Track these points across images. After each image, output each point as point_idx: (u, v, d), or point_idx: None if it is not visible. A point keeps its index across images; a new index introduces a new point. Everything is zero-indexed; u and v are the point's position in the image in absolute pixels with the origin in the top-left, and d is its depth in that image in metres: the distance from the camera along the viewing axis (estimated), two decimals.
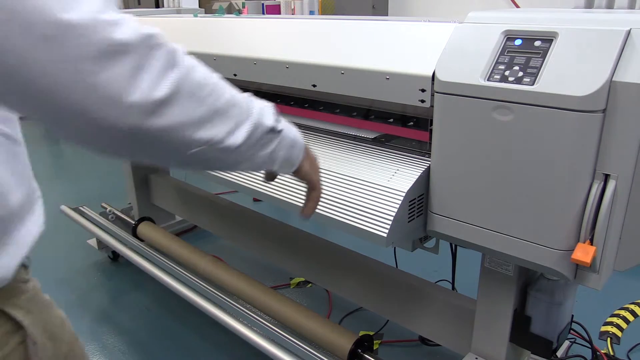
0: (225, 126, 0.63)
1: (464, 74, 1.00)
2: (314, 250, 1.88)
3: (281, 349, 1.57)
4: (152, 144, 0.56)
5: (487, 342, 1.36)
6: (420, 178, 1.12)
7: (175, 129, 0.56)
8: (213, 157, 0.63)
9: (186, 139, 0.58)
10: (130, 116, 0.52)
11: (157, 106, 0.53)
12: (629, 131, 0.88)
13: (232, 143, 0.64)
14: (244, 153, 0.66)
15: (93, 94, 0.49)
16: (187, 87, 0.57)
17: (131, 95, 0.51)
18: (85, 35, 0.48)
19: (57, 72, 0.47)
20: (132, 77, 0.51)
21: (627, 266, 1.02)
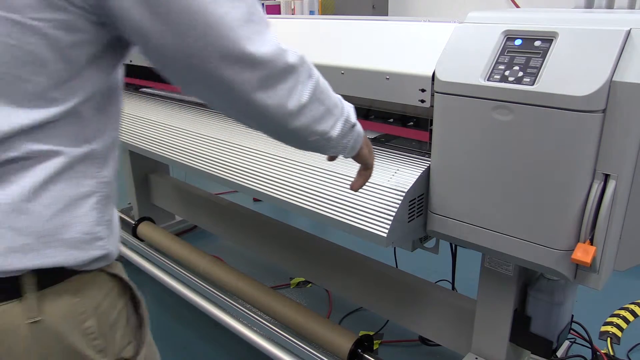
0: (331, 121, 0.80)
1: (464, 74, 1.00)
2: (314, 250, 1.88)
3: (281, 349, 1.57)
4: (289, 134, 0.76)
5: (487, 342, 1.36)
6: (420, 178, 1.12)
7: (307, 124, 0.75)
8: (319, 144, 0.81)
9: (309, 131, 0.76)
10: (287, 119, 0.72)
11: (300, 109, 0.72)
12: (629, 131, 0.88)
13: (332, 134, 0.81)
14: (335, 142, 0.83)
15: (263, 101, 0.68)
16: (317, 93, 0.75)
17: (290, 104, 0.71)
18: (271, 63, 0.66)
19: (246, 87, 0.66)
20: (293, 89, 0.71)
21: (627, 266, 1.02)
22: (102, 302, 0.71)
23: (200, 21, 0.60)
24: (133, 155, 2.49)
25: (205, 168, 1.44)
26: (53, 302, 0.66)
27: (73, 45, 0.62)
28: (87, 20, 0.61)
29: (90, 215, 0.69)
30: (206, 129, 1.60)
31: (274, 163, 1.33)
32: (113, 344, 0.73)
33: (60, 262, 0.65)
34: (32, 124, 0.61)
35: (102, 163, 0.71)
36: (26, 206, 0.63)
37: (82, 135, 0.67)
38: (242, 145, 1.44)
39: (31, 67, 0.60)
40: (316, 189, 1.20)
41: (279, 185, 1.26)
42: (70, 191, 0.66)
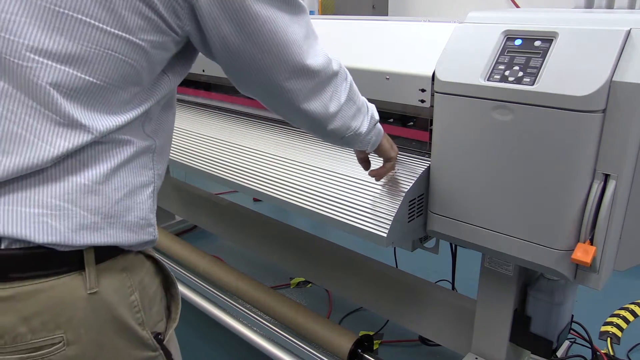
0: (361, 119, 0.92)
1: (464, 74, 1.00)
2: (314, 250, 1.88)
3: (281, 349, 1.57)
4: (329, 132, 0.88)
5: (487, 342, 1.36)
6: (420, 178, 1.12)
7: (343, 123, 0.89)
8: (351, 139, 0.93)
9: (345, 127, 0.89)
10: (328, 120, 0.86)
11: (339, 110, 0.86)
12: (629, 131, 0.88)
13: (361, 131, 0.93)
14: (362, 137, 0.95)
15: (312, 105, 0.82)
16: (351, 93, 0.88)
17: (331, 107, 0.85)
18: (323, 72, 0.81)
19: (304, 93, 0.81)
20: (334, 93, 0.85)
21: (627, 266, 1.02)
22: (143, 278, 0.78)
23: (280, 41, 0.74)
24: None
25: (205, 168, 1.44)
26: (107, 276, 0.72)
27: (161, 61, 0.73)
28: (174, 42, 0.73)
29: (147, 203, 0.76)
30: (206, 129, 1.60)
31: (274, 163, 1.33)
32: (150, 318, 0.78)
33: (118, 242, 0.72)
34: (120, 124, 0.70)
35: (159, 157, 0.79)
36: (100, 188, 0.69)
37: (148, 129, 0.76)
38: (242, 145, 1.44)
39: (130, 79, 0.69)
40: (316, 189, 1.20)
41: (279, 185, 1.26)
42: (134, 179, 0.74)
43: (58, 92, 0.64)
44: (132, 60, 0.67)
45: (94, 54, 0.64)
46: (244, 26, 0.72)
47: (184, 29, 0.72)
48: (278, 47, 0.74)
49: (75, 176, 0.67)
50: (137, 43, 0.67)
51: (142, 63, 0.69)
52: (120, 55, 0.66)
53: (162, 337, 0.80)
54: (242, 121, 1.58)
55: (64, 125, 0.65)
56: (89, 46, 0.64)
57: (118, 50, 0.66)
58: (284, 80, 0.77)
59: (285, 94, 0.79)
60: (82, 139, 0.66)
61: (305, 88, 0.80)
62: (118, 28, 0.65)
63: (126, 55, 0.67)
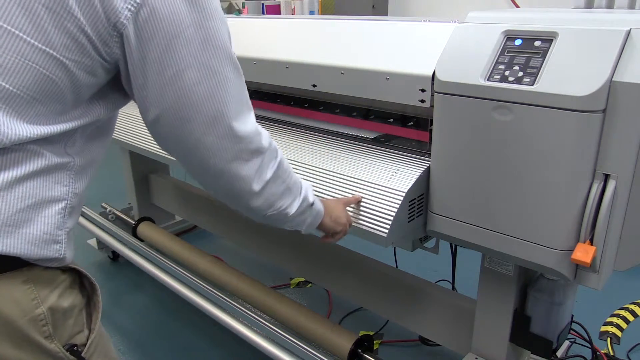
0: (289, 199, 0.91)
1: (464, 74, 1.00)
2: (314, 250, 1.88)
3: (281, 349, 1.57)
4: (249, 206, 0.87)
5: (487, 342, 1.36)
6: (420, 178, 1.12)
7: (267, 199, 0.87)
8: (277, 218, 0.92)
9: (268, 206, 0.88)
10: (250, 196, 0.85)
11: (264, 187, 0.85)
12: (629, 131, 0.88)
13: (289, 211, 0.91)
14: (292, 218, 0.93)
15: (235, 171, 0.81)
16: (279, 171, 0.87)
17: (254, 182, 0.83)
18: (247, 141, 0.80)
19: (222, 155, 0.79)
20: (259, 169, 0.83)
21: (627, 266, 1.02)
22: (53, 291, 0.75)
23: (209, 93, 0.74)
24: (133, 155, 2.49)
25: None
26: (5, 287, 0.70)
27: (87, 85, 0.72)
28: (103, 68, 0.72)
29: (54, 218, 0.74)
30: None
31: None
32: (63, 330, 0.76)
33: (15, 253, 0.70)
34: (33, 136, 0.69)
35: (77, 176, 0.77)
36: (2, 194, 0.68)
37: (70, 150, 0.75)
38: None
39: (51, 95, 0.69)
40: (316, 189, 1.20)
41: None
42: (42, 192, 0.72)
43: None
44: (54, 75, 0.68)
45: (14, 63, 0.65)
46: (168, 72, 0.71)
47: (112, 56, 0.71)
48: (208, 100, 0.74)
49: None
50: (61, 60, 0.67)
51: (64, 81, 0.69)
52: (41, 68, 0.66)
53: (79, 349, 0.78)
54: None
55: None
56: (10, 55, 0.65)
57: (39, 63, 0.66)
58: (204, 135, 0.76)
59: (204, 150, 0.77)
60: None
61: (226, 150, 0.78)
62: (42, 42, 0.66)
63: (47, 69, 0.67)
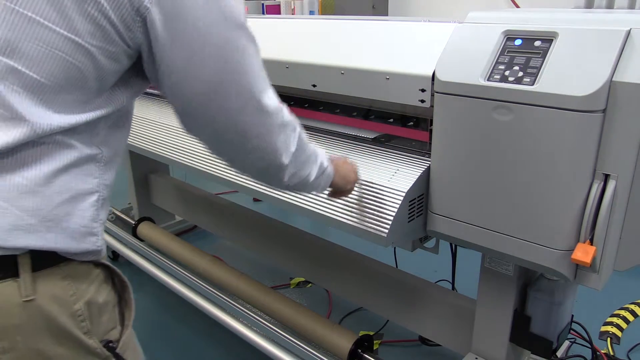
0: (310, 167, 0.92)
1: (464, 74, 1.00)
2: (314, 250, 1.88)
3: (281, 349, 1.57)
4: (278, 179, 0.88)
5: (487, 342, 1.36)
6: (420, 178, 1.12)
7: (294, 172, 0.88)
8: (299, 186, 0.93)
9: (294, 176, 0.89)
10: (280, 169, 0.85)
11: (291, 158, 0.85)
12: (629, 131, 0.88)
13: (310, 178, 0.93)
14: (310, 184, 0.95)
15: (269, 144, 0.80)
16: (300, 143, 0.87)
17: (284, 155, 0.83)
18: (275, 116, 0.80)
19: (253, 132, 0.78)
20: (286, 141, 0.83)
21: (627, 266, 1.02)
22: (90, 287, 0.76)
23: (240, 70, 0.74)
24: (133, 155, 2.49)
25: (205, 168, 1.44)
26: (45, 283, 0.70)
27: (111, 72, 0.72)
28: (126, 55, 0.72)
29: (89, 211, 0.75)
30: None
31: None
32: (99, 326, 0.77)
33: (55, 247, 0.70)
34: (63, 126, 0.69)
35: (106, 167, 0.78)
36: (39, 189, 0.68)
37: (95, 140, 0.75)
38: None
39: (76, 82, 0.69)
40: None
41: None
42: (77, 184, 0.73)
43: (3, 85, 0.64)
44: (79, 62, 0.67)
45: (41, 52, 0.65)
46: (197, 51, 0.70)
47: (135, 41, 0.70)
48: (237, 79, 0.73)
49: (13, 175, 0.66)
50: (85, 47, 0.67)
51: (89, 68, 0.69)
52: (66, 55, 0.66)
53: (114, 345, 0.79)
54: None
55: (8, 119, 0.65)
56: (36, 43, 0.64)
57: (65, 51, 0.66)
58: (238, 113, 0.75)
59: (237, 128, 0.76)
60: (23, 134, 0.65)
61: (259, 125, 0.78)
62: (67, 29, 0.65)
63: (73, 57, 0.67)
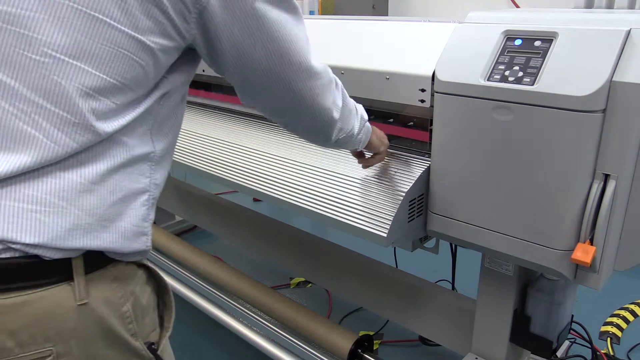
0: (353, 120, 0.96)
1: (464, 74, 1.00)
2: (314, 250, 1.88)
3: (281, 349, 1.57)
4: (329, 135, 0.92)
5: (487, 342, 1.36)
6: (420, 178, 1.12)
7: (341, 126, 0.92)
8: (345, 141, 0.96)
9: (341, 130, 0.92)
10: (332, 125, 0.90)
11: (340, 113, 0.90)
12: (629, 131, 0.88)
13: (354, 131, 0.96)
14: (354, 138, 0.98)
15: (322, 104, 0.85)
16: (344, 97, 0.92)
17: (334, 111, 0.88)
18: (324, 76, 0.85)
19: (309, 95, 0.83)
20: (335, 97, 0.88)
21: (627, 266, 1.02)
22: (135, 288, 0.76)
23: (289, 43, 0.77)
24: None
25: (205, 168, 1.44)
26: (96, 286, 0.70)
27: (164, 66, 0.73)
28: (178, 49, 0.73)
29: (140, 210, 0.74)
30: (206, 129, 1.60)
31: (274, 163, 1.33)
32: (143, 328, 0.77)
33: (111, 247, 0.70)
34: (123, 125, 0.69)
35: (156, 167, 0.77)
36: (95, 188, 0.67)
37: (149, 134, 0.75)
38: (242, 145, 1.44)
39: (139, 81, 0.69)
40: (316, 189, 1.20)
41: (279, 185, 1.26)
42: (129, 184, 0.72)
43: (73, 90, 0.63)
44: (143, 61, 0.68)
45: (109, 53, 0.65)
46: (254, 29, 0.74)
47: (191, 33, 0.72)
48: (287, 49, 0.77)
49: (71, 173, 0.66)
50: (147, 44, 0.67)
51: (150, 65, 0.69)
52: (132, 55, 0.67)
53: (155, 347, 0.79)
54: (242, 121, 1.58)
55: (74, 124, 0.64)
56: (104, 44, 0.64)
57: (131, 50, 0.66)
58: (293, 81, 0.80)
59: (293, 94, 0.81)
60: (89, 140, 0.65)
61: (312, 89, 0.82)
62: (131, 28, 0.65)
63: (138, 56, 0.67)
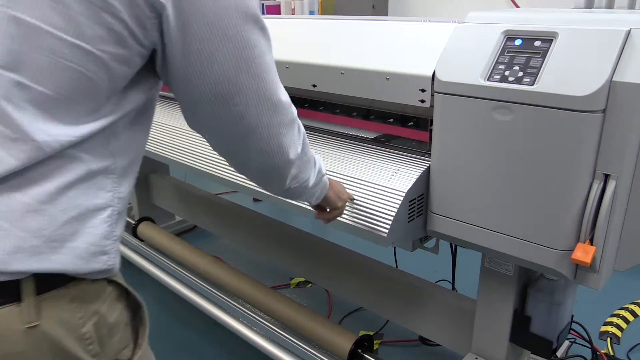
0: (310, 170, 0.89)
1: (464, 74, 1.00)
2: (314, 250, 1.88)
3: (281, 349, 1.57)
4: (279, 179, 0.84)
5: (487, 342, 1.36)
6: (420, 178, 1.12)
7: (296, 173, 0.84)
8: (297, 191, 0.89)
9: (296, 178, 0.85)
10: (286, 168, 0.82)
11: (297, 156, 0.82)
12: (629, 131, 0.88)
13: (309, 183, 0.90)
14: (309, 190, 0.92)
15: (278, 146, 0.77)
16: (305, 144, 0.84)
17: (291, 154, 0.80)
18: (288, 112, 0.77)
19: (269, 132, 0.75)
20: (294, 138, 0.80)
21: (627, 266, 1.02)
22: (100, 307, 0.71)
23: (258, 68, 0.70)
24: None
25: (205, 168, 1.44)
26: (51, 307, 0.65)
27: (122, 77, 0.67)
28: (140, 56, 0.67)
29: (100, 228, 0.69)
30: None
31: None
32: (109, 347, 0.73)
33: (62, 269, 0.65)
34: (74, 139, 0.63)
35: (120, 179, 0.72)
36: (44, 208, 0.62)
37: (109, 148, 0.69)
38: None
39: (86, 92, 0.63)
40: None
41: None
42: (85, 200, 0.67)
43: (7, 103, 0.59)
44: (89, 71, 0.62)
45: (48, 63, 0.60)
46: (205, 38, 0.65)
47: (150, 39, 0.65)
48: (248, 71, 0.69)
49: (15, 193, 0.61)
50: (96, 54, 0.62)
51: (101, 76, 0.63)
52: (76, 65, 0.61)
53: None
54: None
55: (15, 140, 0.60)
56: (42, 54, 0.59)
57: (74, 60, 0.61)
58: (249, 111, 0.71)
59: (248, 125, 0.72)
60: (32, 156, 0.60)
61: (274, 126, 0.74)
62: (75, 36, 0.60)
63: (83, 67, 0.61)
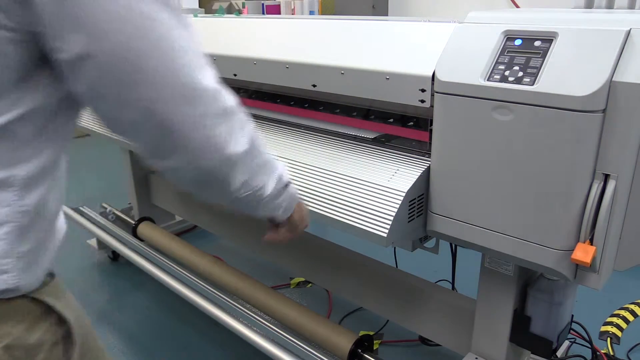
0: (265, 178, 0.78)
1: (464, 74, 1.00)
2: (314, 250, 1.88)
3: (281, 349, 1.57)
4: (220, 183, 0.72)
5: (487, 342, 1.36)
6: (420, 178, 1.12)
7: (242, 176, 0.73)
8: (250, 201, 0.78)
9: (243, 184, 0.74)
10: (225, 164, 0.69)
11: (238, 157, 0.70)
12: (629, 131, 0.88)
13: (264, 192, 0.79)
14: (267, 202, 0.81)
15: (206, 141, 0.65)
16: (254, 144, 0.73)
17: (229, 148, 0.68)
18: (212, 101, 0.65)
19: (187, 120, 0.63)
20: (230, 133, 0.67)
21: (627, 266, 1.02)
22: (13, 329, 0.65)
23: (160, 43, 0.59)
24: (133, 155, 2.49)
25: None
26: None
27: (12, 67, 0.59)
28: (12, 44, 0.58)
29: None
30: None
31: None
32: None
33: None
34: None
35: (24, 191, 0.64)
36: None
37: (6, 158, 0.62)
38: None
39: None
40: (316, 189, 1.20)
41: None
42: None
43: None
44: None
45: None
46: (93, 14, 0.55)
47: (16, 19, 0.56)
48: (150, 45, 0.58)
49: None
50: None
51: None
52: None
53: None
54: None
55: None
56: None
57: None
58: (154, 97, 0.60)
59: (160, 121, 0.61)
60: None
61: (188, 116, 0.62)
62: None
63: None
